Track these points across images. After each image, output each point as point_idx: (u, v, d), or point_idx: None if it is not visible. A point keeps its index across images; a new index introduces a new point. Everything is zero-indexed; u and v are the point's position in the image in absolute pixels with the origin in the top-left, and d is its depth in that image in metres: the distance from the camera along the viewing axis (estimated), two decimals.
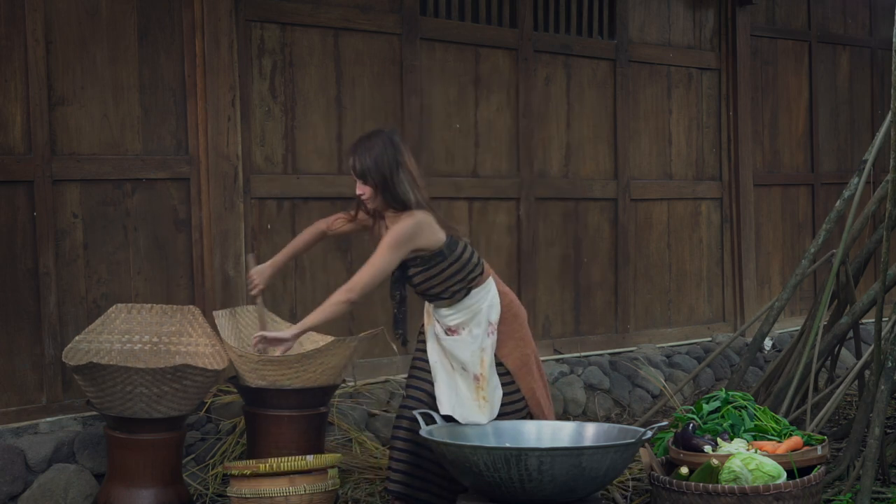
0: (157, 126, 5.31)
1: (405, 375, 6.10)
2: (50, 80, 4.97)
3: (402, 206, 4.23)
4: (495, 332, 4.36)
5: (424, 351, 4.47)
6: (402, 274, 4.31)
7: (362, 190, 4.26)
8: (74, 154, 5.05)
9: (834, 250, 5.82)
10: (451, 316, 4.35)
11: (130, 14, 5.21)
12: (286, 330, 4.36)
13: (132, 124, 5.24)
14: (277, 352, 4.34)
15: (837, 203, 5.86)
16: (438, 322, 4.38)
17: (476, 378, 4.31)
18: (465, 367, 4.33)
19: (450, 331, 4.36)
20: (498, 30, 6.67)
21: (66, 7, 5.02)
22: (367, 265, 4.20)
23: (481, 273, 4.37)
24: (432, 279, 4.29)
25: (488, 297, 4.37)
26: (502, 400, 4.37)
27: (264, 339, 4.27)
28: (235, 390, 5.09)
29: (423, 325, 4.53)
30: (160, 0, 5.31)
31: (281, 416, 4.70)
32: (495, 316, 4.36)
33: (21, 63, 4.89)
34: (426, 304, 4.46)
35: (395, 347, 5.32)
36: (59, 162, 4.99)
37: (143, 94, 5.26)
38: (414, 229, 4.18)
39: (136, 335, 4.90)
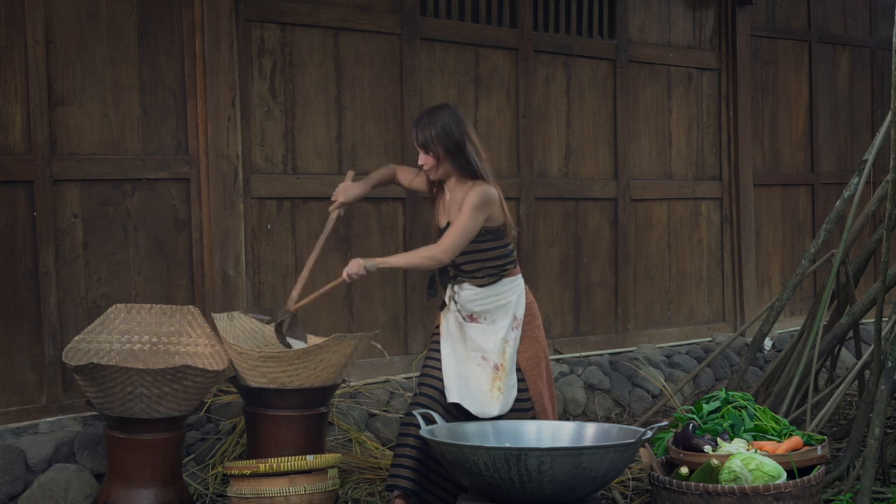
0: (157, 126, 5.31)
1: (405, 375, 6.14)
2: (50, 80, 4.97)
3: (473, 174, 4.38)
4: (520, 327, 4.45)
5: (438, 348, 4.49)
6: None
7: (424, 160, 4.42)
8: (74, 154, 5.05)
9: (834, 250, 5.82)
10: (477, 301, 4.40)
11: (130, 14, 5.21)
12: (369, 259, 4.37)
13: (132, 124, 5.24)
14: (346, 275, 4.35)
15: (837, 203, 5.86)
16: (461, 310, 4.42)
17: (496, 367, 4.36)
18: (485, 355, 4.37)
19: (471, 318, 4.40)
20: (498, 30, 6.67)
21: (66, 7, 5.02)
22: (455, 227, 4.32)
23: (515, 266, 4.51)
24: (474, 254, 4.39)
25: (517, 291, 4.48)
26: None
27: (357, 263, 4.31)
28: (235, 390, 5.09)
29: (437, 325, 4.56)
30: (160, 0, 5.31)
31: (281, 416, 4.70)
32: (521, 311, 4.47)
33: (21, 63, 4.89)
34: (445, 298, 4.50)
35: (394, 347, 5.41)
36: (59, 162, 4.99)
37: (143, 94, 5.26)
38: (493, 196, 4.35)
39: (135, 335, 4.90)
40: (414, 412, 4.25)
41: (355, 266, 4.33)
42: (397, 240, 6.17)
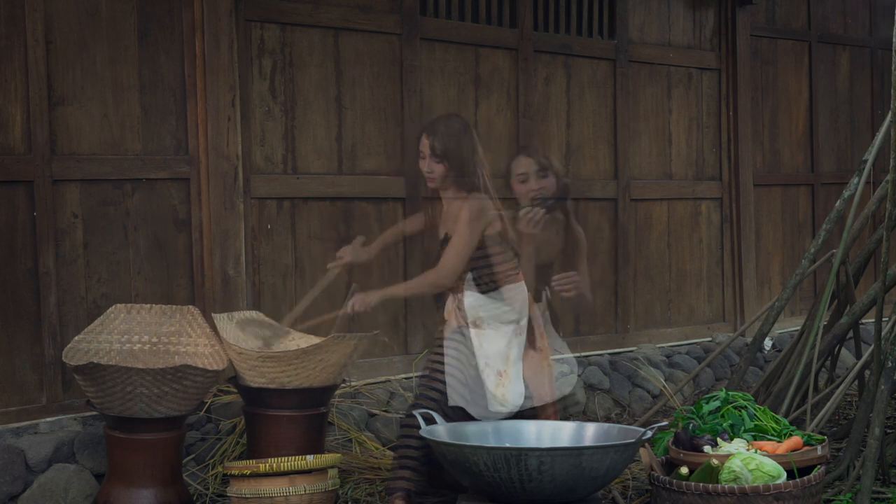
0: (157, 126, 5.31)
1: (405, 375, 6.13)
2: (50, 80, 4.97)
3: (470, 188, 4.41)
4: (524, 334, 4.44)
5: (441, 351, 4.49)
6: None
7: (433, 168, 4.40)
8: (74, 154, 5.05)
9: (834, 250, 5.82)
10: (480, 307, 4.40)
11: (130, 14, 5.21)
12: (371, 293, 4.47)
13: (132, 124, 5.24)
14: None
15: (837, 203, 5.86)
16: (463, 315, 4.42)
17: (500, 374, 4.36)
18: (488, 361, 4.36)
19: (474, 324, 4.41)
20: (498, 30, 6.67)
21: (66, 7, 5.02)
22: (452, 246, 4.36)
23: (517, 273, 4.52)
24: (472, 261, 4.38)
25: (519, 298, 4.45)
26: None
27: (357, 301, 4.44)
28: (235, 390, 5.09)
29: (440, 328, 4.56)
30: (160, 0, 5.31)
31: (281, 416, 4.70)
32: (525, 319, 4.43)
33: (21, 63, 4.89)
34: (447, 303, 4.50)
35: (394, 347, 5.38)
36: (59, 162, 4.99)
37: (143, 94, 5.26)
38: (484, 205, 4.36)
39: (135, 335, 4.90)
40: (414, 412, 4.26)
41: (361, 304, 4.38)
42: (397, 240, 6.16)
